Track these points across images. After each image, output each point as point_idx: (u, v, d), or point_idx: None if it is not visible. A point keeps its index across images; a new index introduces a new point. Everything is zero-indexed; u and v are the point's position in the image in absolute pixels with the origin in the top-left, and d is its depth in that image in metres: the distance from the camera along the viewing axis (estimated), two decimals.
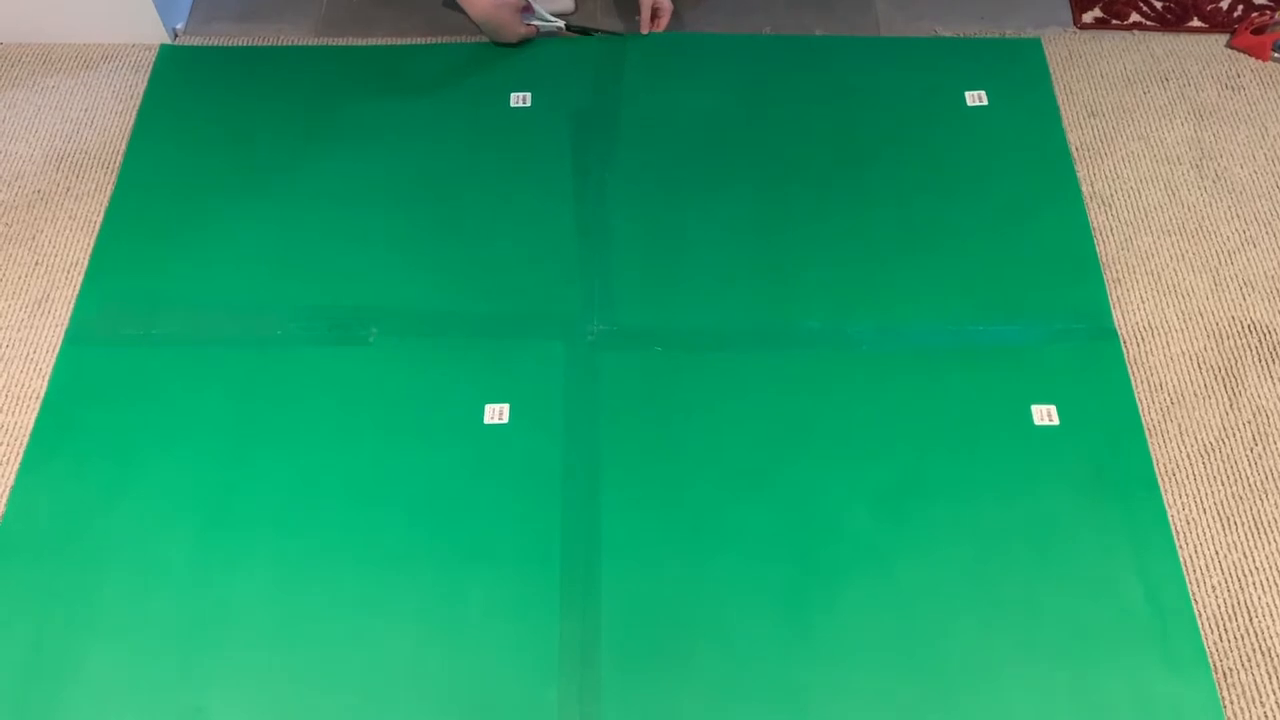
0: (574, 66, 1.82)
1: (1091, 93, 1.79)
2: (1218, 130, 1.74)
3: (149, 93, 1.80)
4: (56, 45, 1.87)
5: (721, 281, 1.59)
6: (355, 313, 1.56)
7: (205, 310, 1.57)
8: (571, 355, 1.52)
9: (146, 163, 1.71)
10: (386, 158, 1.72)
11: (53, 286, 1.59)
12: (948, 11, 1.91)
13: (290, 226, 1.65)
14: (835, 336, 1.54)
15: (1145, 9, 1.90)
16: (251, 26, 1.91)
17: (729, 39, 1.86)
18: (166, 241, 1.63)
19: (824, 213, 1.66)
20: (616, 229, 1.64)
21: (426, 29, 1.89)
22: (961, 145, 1.72)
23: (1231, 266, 1.60)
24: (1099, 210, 1.66)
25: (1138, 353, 1.52)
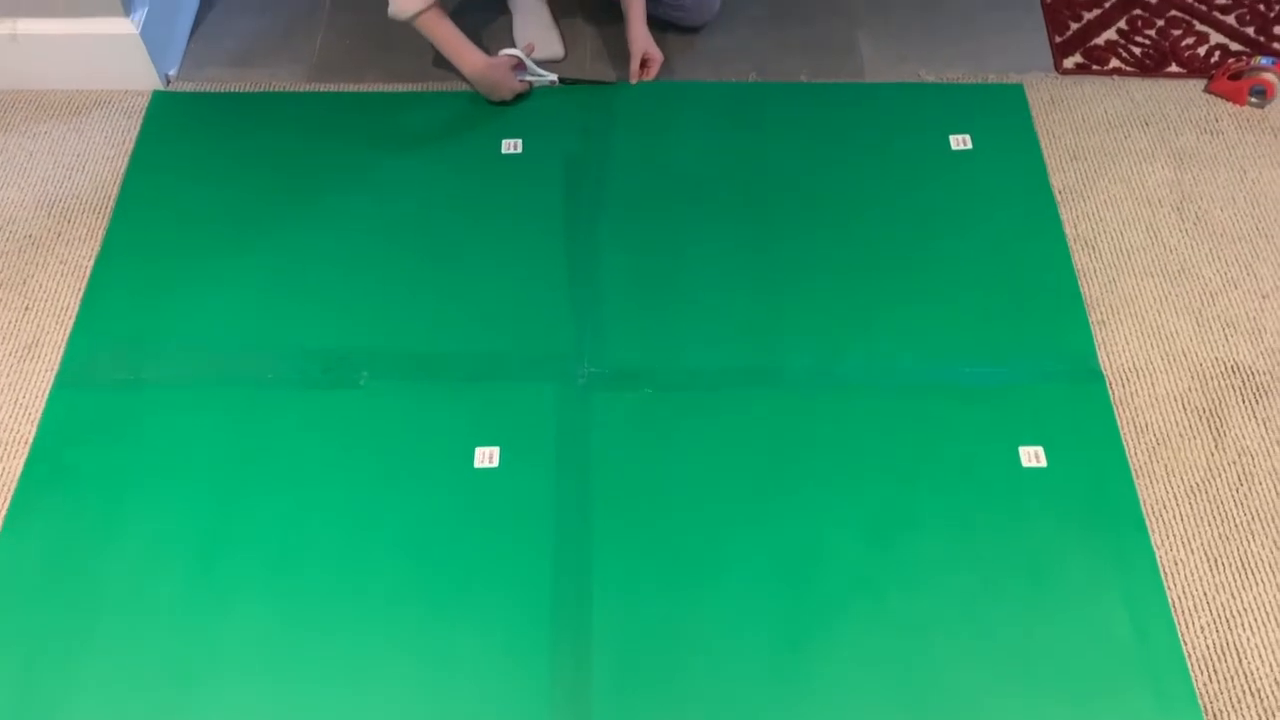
0: (565, 114, 1.84)
1: (1073, 136, 1.82)
2: (1197, 173, 1.77)
3: (141, 138, 1.81)
4: (50, 91, 1.88)
5: (712, 323, 1.60)
6: (346, 356, 1.57)
7: (196, 353, 1.57)
8: (563, 397, 1.53)
9: (138, 208, 1.72)
10: (379, 203, 1.73)
11: (43, 331, 1.59)
12: (931, 57, 1.95)
13: (282, 270, 1.65)
14: (824, 376, 1.55)
15: (1125, 55, 1.93)
16: (244, 71, 1.92)
17: (717, 86, 1.89)
18: (157, 285, 1.64)
19: (812, 254, 1.67)
20: (607, 272, 1.66)
21: (419, 76, 1.91)
22: (946, 188, 1.75)
23: (1213, 308, 1.62)
24: (1082, 252, 1.68)
25: (1123, 394, 1.53)
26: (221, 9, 2.03)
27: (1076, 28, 1.97)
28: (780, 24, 1.99)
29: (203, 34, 1.99)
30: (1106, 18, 1.99)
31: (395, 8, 1.74)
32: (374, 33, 1.95)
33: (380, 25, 1.83)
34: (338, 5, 2.03)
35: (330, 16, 2.01)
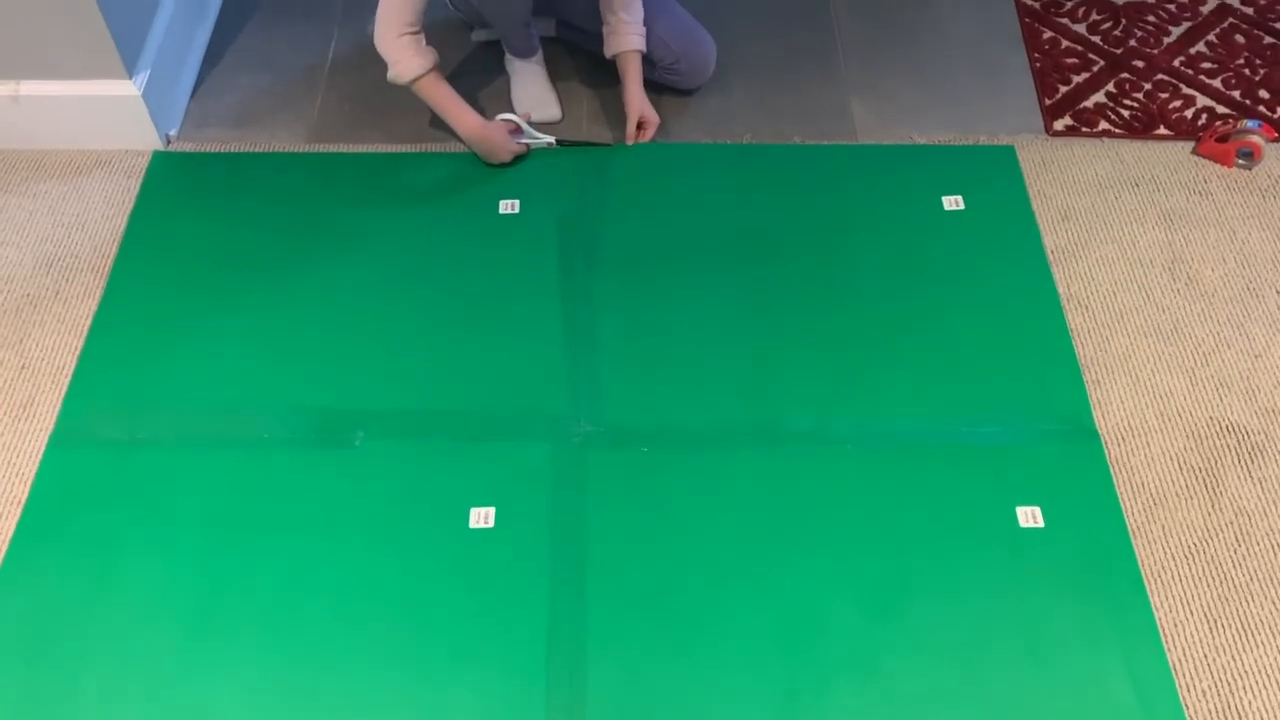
0: (562, 175, 1.86)
1: (1064, 197, 1.84)
2: (1188, 234, 1.79)
3: (141, 198, 1.82)
4: (50, 151, 1.90)
5: (707, 382, 1.61)
6: (342, 416, 1.57)
7: (191, 413, 1.57)
8: (558, 457, 1.52)
9: (136, 267, 1.73)
10: (376, 263, 1.74)
11: (38, 390, 1.59)
12: (923, 119, 1.97)
13: (278, 331, 1.66)
14: (820, 436, 1.55)
15: (1114, 117, 1.96)
16: (244, 132, 1.94)
17: (712, 148, 1.91)
18: (154, 345, 1.64)
19: (807, 315, 1.68)
20: (603, 331, 1.66)
21: (418, 137, 1.93)
22: (940, 249, 1.76)
23: (1207, 368, 1.63)
24: (1076, 312, 1.69)
25: (1119, 453, 1.54)
26: (222, 69, 2.05)
27: (1066, 90, 2.01)
28: (773, 88, 2.02)
29: (203, 94, 2.01)
30: (1095, 81, 2.02)
31: (395, 71, 1.76)
32: (373, 94, 1.98)
33: (379, 87, 1.86)
34: (337, 67, 2.05)
35: (330, 78, 2.03)
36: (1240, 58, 2.06)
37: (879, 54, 2.09)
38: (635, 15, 1.85)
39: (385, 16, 1.74)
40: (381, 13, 1.74)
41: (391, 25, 1.73)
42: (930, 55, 2.09)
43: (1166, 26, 2.12)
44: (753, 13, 2.16)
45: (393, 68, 1.76)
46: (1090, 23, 2.13)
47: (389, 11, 1.73)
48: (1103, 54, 2.07)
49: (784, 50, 2.09)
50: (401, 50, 1.74)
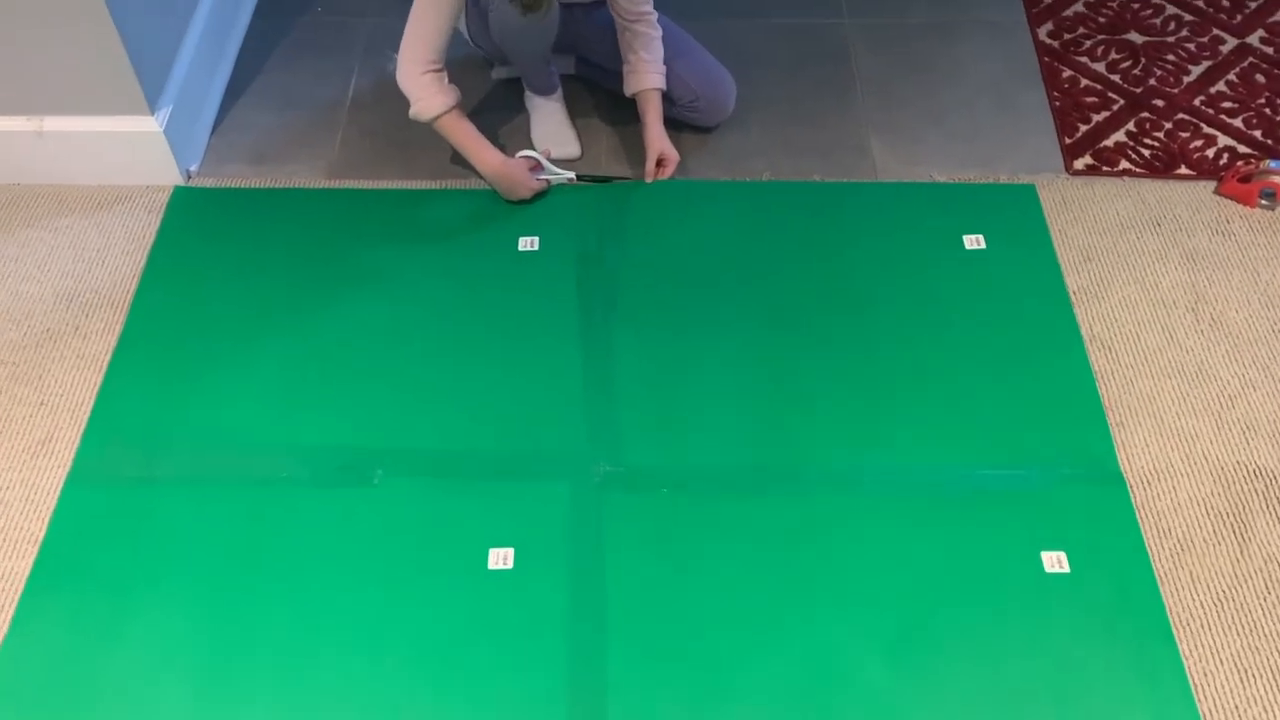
0: (581, 212, 1.86)
1: (1086, 237, 1.83)
2: (1211, 275, 1.78)
3: (161, 233, 1.83)
4: (72, 186, 1.90)
5: (727, 422, 1.60)
6: (361, 454, 1.56)
7: (210, 450, 1.56)
8: (577, 497, 1.51)
9: (156, 302, 1.73)
10: (395, 300, 1.74)
11: (57, 427, 1.59)
12: (943, 158, 1.97)
13: (298, 367, 1.65)
14: (842, 480, 1.53)
15: (1134, 156, 1.96)
16: (264, 168, 1.95)
17: (731, 185, 1.91)
18: (173, 381, 1.64)
19: (827, 354, 1.67)
20: (622, 370, 1.65)
21: (438, 173, 1.93)
22: (962, 288, 1.75)
23: (1233, 411, 1.61)
24: (1099, 353, 1.68)
25: (1145, 498, 1.52)
26: (243, 105, 2.06)
27: (1086, 129, 2.00)
28: (793, 125, 2.02)
29: (224, 130, 2.02)
30: (1115, 120, 2.02)
31: (417, 109, 1.77)
32: (393, 131, 1.99)
33: (400, 123, 1.86)
34: (358, 103, 2.06)
35: (351, 114, 2.04)
36: (1261, 97, 2.05)
37: (898, 92, 2.09)
38: (656, 54, 1.86)
39: (408, 54, 1.74)
40: (404, 50, 1.75)
41: (414, 62, 1.74)
42: (949, 93, 2.09)
43: (1186, 65, 2.12)
44: (771, 50, 2.16)
45: (415, 105, 1.77)
46: (1109, 61, 2.13)
47: (412, 49, 1.74)
48: (1122, 93, 2.07)
49: (803, 88, 2.09)
50: (424, 88, 1.75)
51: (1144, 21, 2.21)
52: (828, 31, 2.21)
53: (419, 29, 1.73)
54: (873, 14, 2.24)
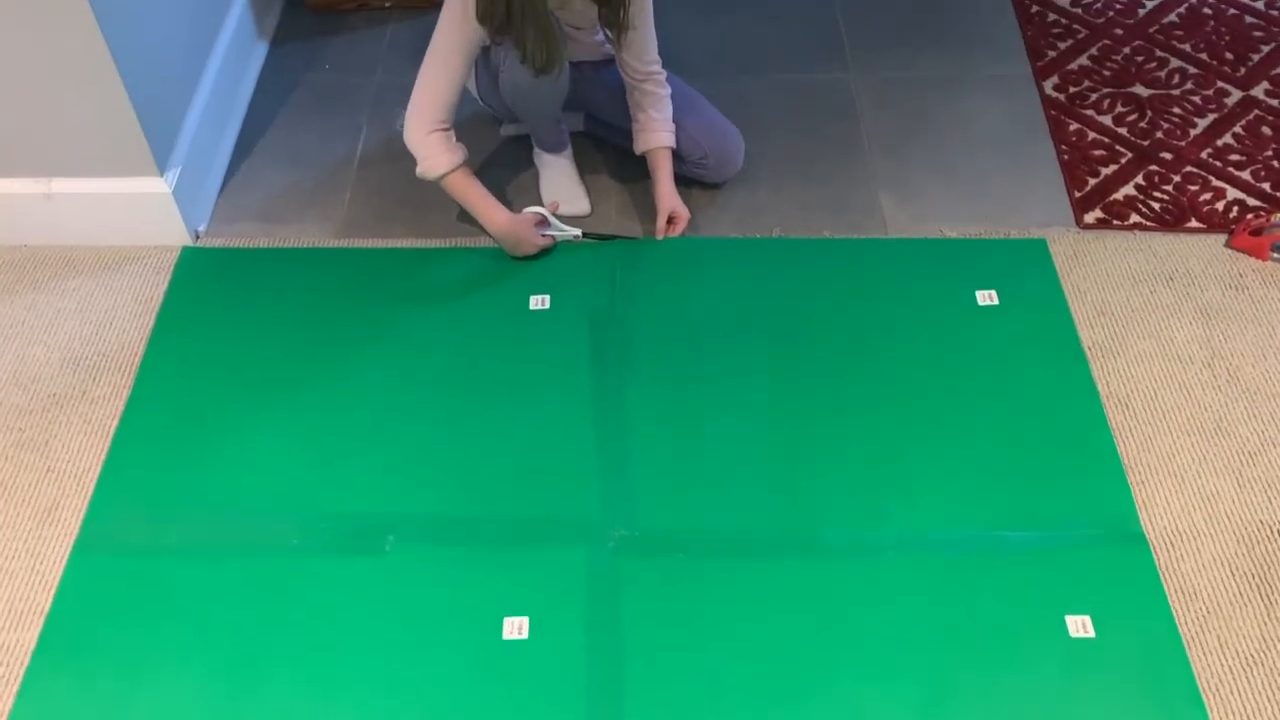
0: (592, 270, 1.85)
1: (1099, 292, 1.82)
2: (1226, 329, 1.77)
3: (169, 295, 1.82)
4: (79, 248, 1.89)
5: (743, 483, 1.58)
6: (372, 520, 1.54)
7: (219, 519, 1.54)
8: (593, 563, 1.49)
9: (164, 366, 1.72)
10: (406, 361, 1.72)
11: (63, 494, 1.57)
12: (952, 212, 1.97)
13: (308, 431, 1.64)
14: (860, 542, 1.51)
15: (1144, 210, 1.95)
16: (273, 227, 1.94)
17: (742, 242, 1.91)
18: (181, 447, 1.62)
19: (843, 412, 1.66)
20: (636, 430, 1.64)
21: (447, 232, 1.93)
22: (976, 344, 1.74)
23: (1254, 469, 1.59)
24: (1116, 410, 1.66)
25: (1168, 559, 1.50)
26: (251, 164, 2.06)
27: (1095, 183, 2.00)
28: (801, 181, 2.02)
29: (232, 189, 2.01)
30: (1124, 173, 2.02)
31: (424, 167, 1.77)
32: (402, 189, 1.98)
33: (408, 182, 1.86)
34: (366, 162, 2.06)
35: (359, 173, 2.04)
36: (1269, 149, 2.06)
37: (905, 147, 2.09)
38: (665, 113, 1.86)
39: (416, 112, 1.74)
40: (412, 108, 1.75)
41: (423, 121, 1.74)
42: (956, 147, 2.09)
43: (1192, 118, 2.12)
44: (778, 106, 2.17)
45: (422, 163, 1.77)
46: (1116, 114, 2.14)
47: (420, 107, 1.74)
48: (1130, 146, 2.07)
49: (810, 143, 2.10)
50: (431, 146, 1.75)
51: (1149, 75, 2.22)
52: (834, 87, 2.22)
53: (428, 88, 1.74)
54: (878, 69, 2.25)
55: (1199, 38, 2.30)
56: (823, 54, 2.29)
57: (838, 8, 2.39)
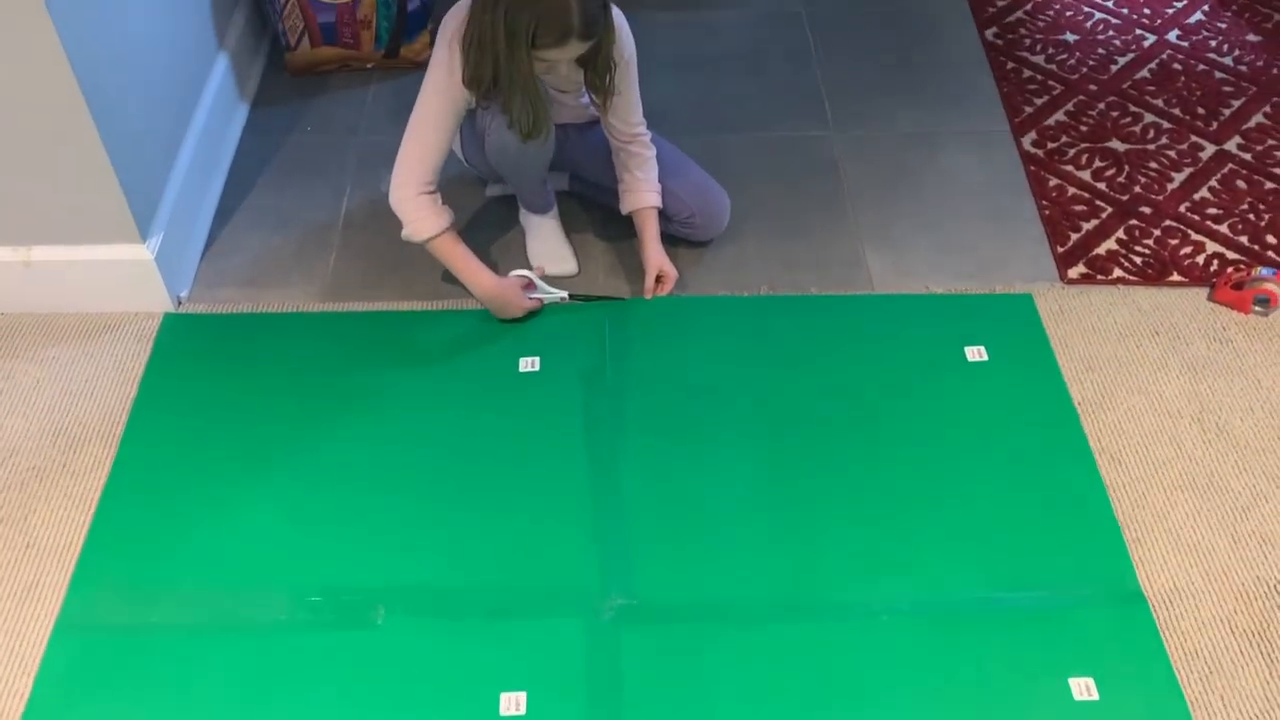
0: (582, 331, 1.84)
1: (1086, 346, 1.83)
2: (1213, 383, 1.78)
3: (151, 363, 1.78)
4: (58, 315, 1.86)
5: (740, 547, 1.56)
6: (362, 593, 1.51)
7: (206, 594, 1.50)
8: (591, 634, 1.46)
9: (147, 437, 1.68)
10: (395, 427, 1.70)
11: (44, 571, 1.52)
12: (937, 268, 1.98)
13: (296, 502, 1.61)
14: (859, 605, 1.50)
15: (1126, 264, 1.97)
16: (257, 292, 1.92)
17: (731, 300, 1.90)
18: (166, 520, 1.58)
19: (837, 471, 1.65)
20: (630, 494, 1.62)
21: (433, 294, 1.91)
22: (968, 402, 1.74)
23: (1247, 523, 1.60)
24: (1109, 466, 1.66)
25: (1168, 617, 1.49)
26: (233, 228, 2.04)
27: (1077, 238, 2.02)
28: (786, 238, 2.03)
29: (214, 254, 1.99)
30: (1105, 228, 2.04)
31: (410, 230, 1.76)
32: (386, 252, 1.97)
33: (393, 244, 1.85)
34: (350, 224, 2.05)
35: (343, 235, 2.02)
36: (1244, 203, 2.09)
37: (888, 202, 2.11)
38: (651, 173, 1.86)
39: (402, 175, 1.74)
40: (398, 172, 1.74)
41: (409, 184, 1.73)
42: (939, 203, 2.10)
43: (1169, 172, 2.16)
44: (761, 163, 2.18)
45: (408, 226, 1.76)
46: (1094, 169, 2.16)
47: (407, 170, 1.73)
48: (1110, 200, 2.10)
49: (794, 200, 2.11)
50: (418, 209, 1.74)
51: (1124, 129, 2.25)
52: (816, 144, 2.24)
53: (414, 151, 1.73)
54: (858, 126, 2.28)
55: (1170, 93, 2.34)
56: (803, 111, 2.31)
57: (816, 66, 2.42)
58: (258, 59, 2.38)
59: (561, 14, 1.51)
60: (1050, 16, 2.57)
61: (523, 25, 1.52)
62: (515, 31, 1.53)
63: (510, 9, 1.52)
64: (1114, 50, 2.46)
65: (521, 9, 1.51)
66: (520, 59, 1.57)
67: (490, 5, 1.53)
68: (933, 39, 2.52)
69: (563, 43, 1.55)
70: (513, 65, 1.58)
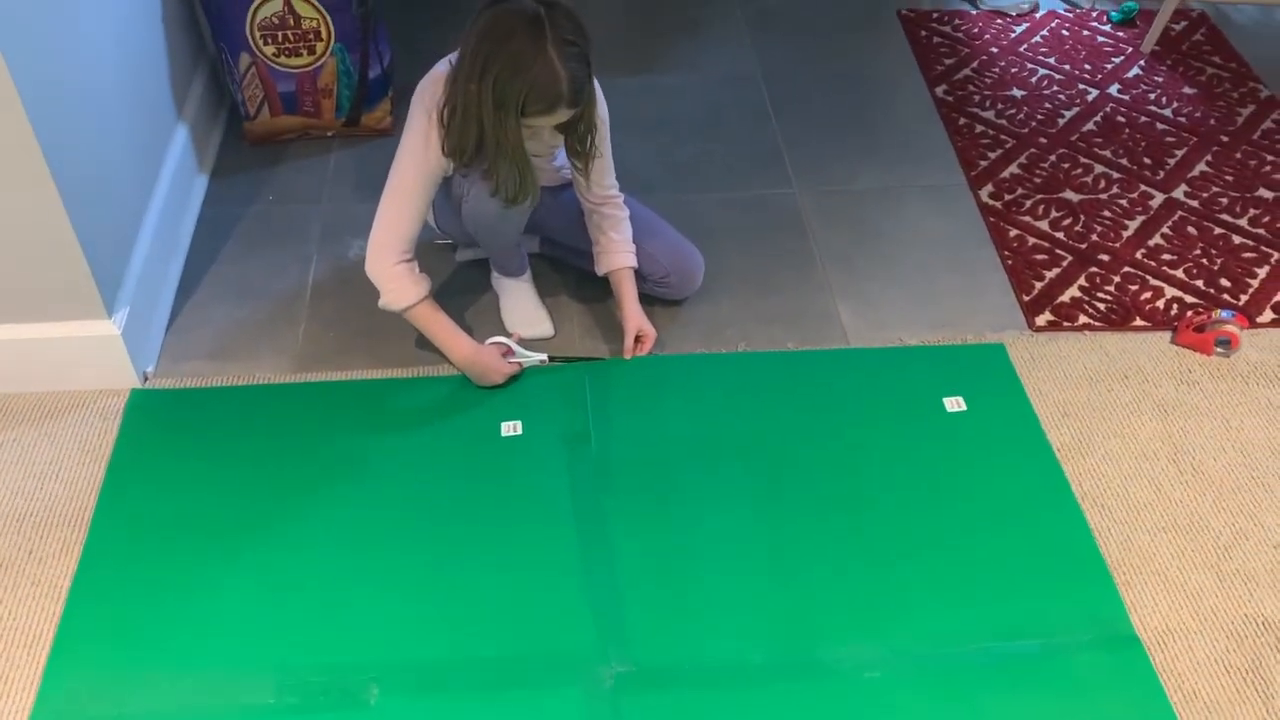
0: (562, 393, 1.82)
1: (1060, 393, 1.86)
2: (1184, 425, 1.82)
3: (120, 441, 1.73)
4: (18, 395, 1.80)
5: (734, 605, 1.54)
6: (351, 670, 1.46)
7: (186, 681, 1.44)
8: (591, 704, 1.43)
9: (118, 518, 1.62)
10: (376, 498, 1.66)
11: (12, 667, 1.45)
12: (908, 319, 2.00)
13: (277, 578, 1.55)
14: (855, 660, 1.48)
15: (1091, 310, 2.02)
16: (225, 365, 1.88)
17: (711, 358, 1.91)
18: (141, 605, 1.52)
19: (826, 528, 1.64)
20: (621, 555, 1.60)
21: (407, 360, 1.88)
22: (950, 453, 1.75)
23: (1230, 562, 1.62)
24: (1093, 510, 1.68)
25: (1163, 659, 1.50)
26: (198, 300, 2.00)
27: (1041, 286, 2.07)
28: (758, 295, 2.04)
29: (180, 327, 1.95)
30: (1066, 276, 2.09)
31: (388, 299, 1.74)
32: (358, 319, 1.94)
33: (364, 311, 1.83)
34: (319, 293, 2.02)
35: (312, 305, 1.99)
36: (1196, 248, 2.16)
37: (855, 256, 2.14)
38: (625, 234, 1.87)
39: (379, 245, 1.72)
40: (375, 240, 1.72)
41: (386, 254, 1.72)
42: (905, 256, 2.14)
43: (1123, 220, 2.22)
44: (729, 222, 2.20)
45: (386, 295, 1.74)
46: (1051, 219, 2.22)
47: (383, 241, 1.72)
48: (1069, 249, 2.15)
49: (764, 256, 2.13)
50: (396, 279, 1.72)
51: (1076, 180, 2.32)
52: (780, 201, 2.27)
53: (390, 220, 1.72)
54: (820, 183, 2.31)
55: (1117, 144, 2.42)
56: (766, 171, 2.35)
57: (775, 127, 2.46)
58: (216, 128, 2.35)
59: (552, 83, 1.52)
60: (996, 74, 2.65)
61: (513, 94, 1.52)
62: (505, 100, 1.53)
63: (500, 78, 1.52)
64: (1060, 104, 2.55)
65: (512, 78, 1.51)
66: (509, 127, 1.57)
67: (476, 74, 1.53)
68: (885, 98, 2.59)
69: (552, 110, 1.56)
70: (501, 133, 1.57)
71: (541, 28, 1.50)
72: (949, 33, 2.79)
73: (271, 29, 2.17)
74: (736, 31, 2.80)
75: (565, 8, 1.53)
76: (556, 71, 1.51)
